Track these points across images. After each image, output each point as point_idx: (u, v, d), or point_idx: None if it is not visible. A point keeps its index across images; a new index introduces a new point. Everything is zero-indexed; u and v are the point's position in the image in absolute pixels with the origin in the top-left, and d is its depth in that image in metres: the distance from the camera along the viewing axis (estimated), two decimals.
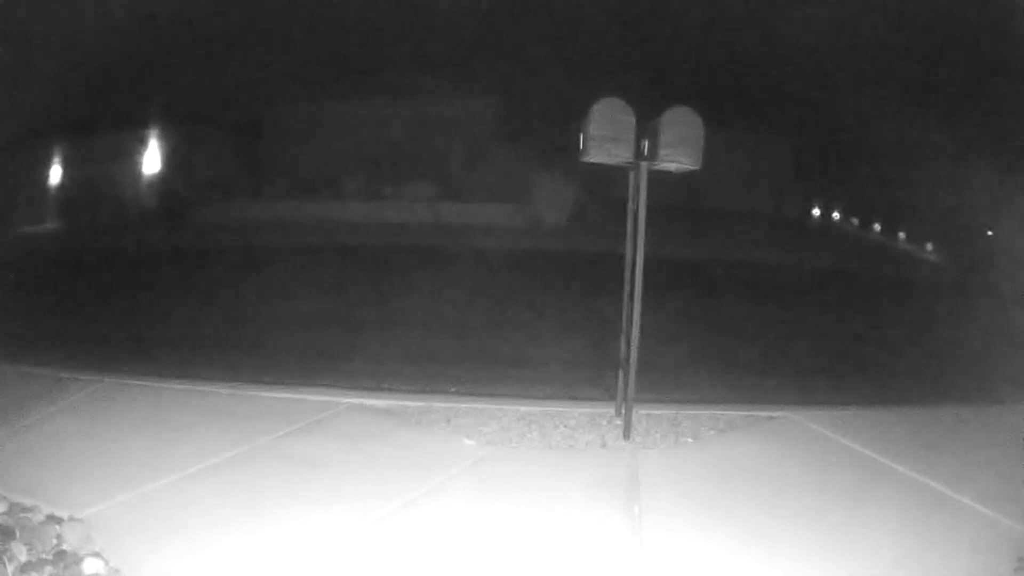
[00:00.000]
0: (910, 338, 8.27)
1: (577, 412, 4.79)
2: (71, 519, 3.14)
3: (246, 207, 18.16)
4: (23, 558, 2.86)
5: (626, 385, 4.45)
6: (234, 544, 3.02)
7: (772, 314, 9.43)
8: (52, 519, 3.13)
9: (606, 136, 4.17)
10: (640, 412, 4.57)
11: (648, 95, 4.89)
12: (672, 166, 4.26)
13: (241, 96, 17.74)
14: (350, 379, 5.43)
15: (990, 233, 14.30)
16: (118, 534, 3.06)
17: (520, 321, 8.26)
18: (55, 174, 14.54)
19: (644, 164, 4.25)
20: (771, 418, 4.80)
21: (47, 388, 4.88)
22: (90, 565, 2.82)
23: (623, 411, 4.48)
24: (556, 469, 3.88)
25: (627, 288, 4.55)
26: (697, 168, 4.25)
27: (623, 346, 4.60)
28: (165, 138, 16.03)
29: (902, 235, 18.87)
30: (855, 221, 20.55)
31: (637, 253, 4.32)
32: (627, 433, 4.38)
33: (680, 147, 4.13)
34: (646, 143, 4.20)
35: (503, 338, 7.49)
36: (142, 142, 15.75)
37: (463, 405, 4.86)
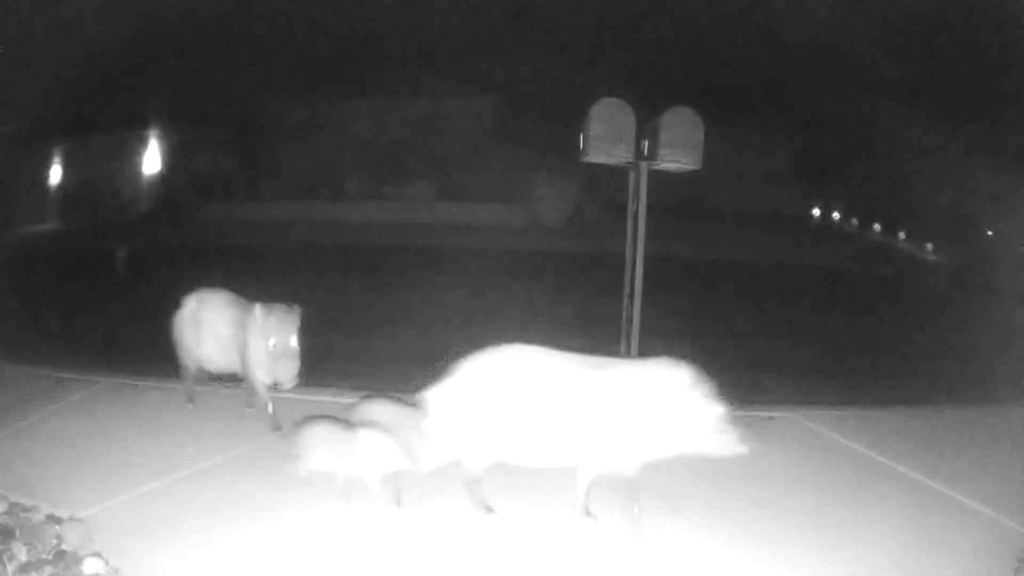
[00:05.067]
0: (910, 338, 8.27)
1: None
2: (71, 519, 3.14)
3: (246, 207, 18.17)
4: (23, 558, 2.86)
5: None
6: (234, 543, 3.02)
7: (772, 314, 9.44)
8: (52, 519, 3.12)
9: (606, 136, 4.17)
10: None
11: (648, 95, 4.89)
12: (672, 166, 4.27)
13: (241, 96, 17.74)
14: (350, 379, 5.42)
15: (990, 233, 14.31)
16: (118, 534, 3.06)
17: (520, 321, 8.25)
18: (55, 174, 14.52)
19: (644, 164, 4.26)
20: (771, 418, 4.80)
21: (47, 388, 4.88)
22: (90, 565, 2.82)
23: None
24: (556, 469, 3.87)
25: (627, 288, 4.55)
26: (697, 168, 4.25)
27: (623, 346, 4.60)
28: (163, 138, 16.02)
29: (902, 235, 18.88)
30: (855, 221, 20.55)
31: (637, 253, 4.32)
32: None
33: (680, 147, 4.14)
34: (646, 143, 4.20)
35: (503, 338, 7.48)
36: (142, 142, 15.73)
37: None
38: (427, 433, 3.20)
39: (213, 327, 4.41)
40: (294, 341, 4.06)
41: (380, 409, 3.52)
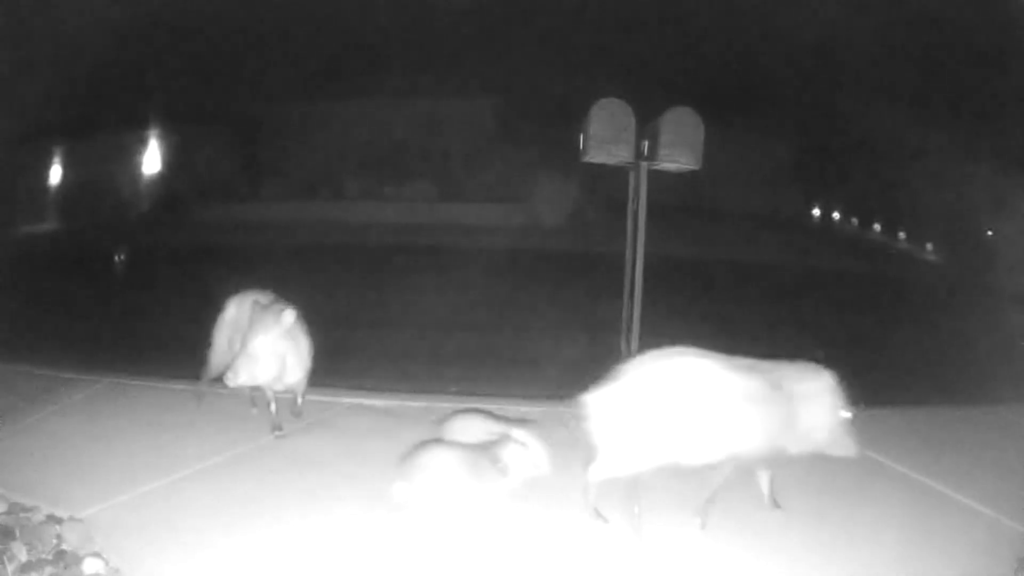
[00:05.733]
0: (910, 338, 8.27)
1: (577, 412, 4.77)
2: (71, 519, 3.14)
3: (245, 207, 18.18)
4: (23, 558, 2.86)
5: None
6: (234, 544, 3.02)
7: (772, 314, 9.43)
8: (52, 519, 3.12)
9: (606, 136, 4.17)
10: None
11: (648, 95, 4.89)
12: (672, 166, 4.27)
13: (243, 97, 17.75)
14: (350, 379, 5.42)
15: (990, 233, 14.30)
16: (118, 534, 3.06)
17: (520, 321, 8.26)
18: (55, 174, 14.53)
19: (644, 164, 4.26)
20: None
21: (47, 388, 4.88)
22: (90, 565, 2.82)
23: None
24: (556, 469, 3.87)
25: (627, 288, 4.55)
26: (697, 168, 4.25)
27: (623, 346, 4.60)
28: (162, 138, 16.04)
29: (902, 235, 18.88)
30: (855, 221, 20.57)
31: (637, 253, 4.32)
32: None
33: (680, 147, 4.13)
34: (646, 143, 4.20)
35: (503, 338, 7.48)
36: (141, 142, 15.74)
37: (463, 405, 4.86)
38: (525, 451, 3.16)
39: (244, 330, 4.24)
40: (274, 340, 3.95)
41: (480, 425, 3.36)
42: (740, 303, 10.20)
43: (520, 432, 3.20)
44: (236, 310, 4.43)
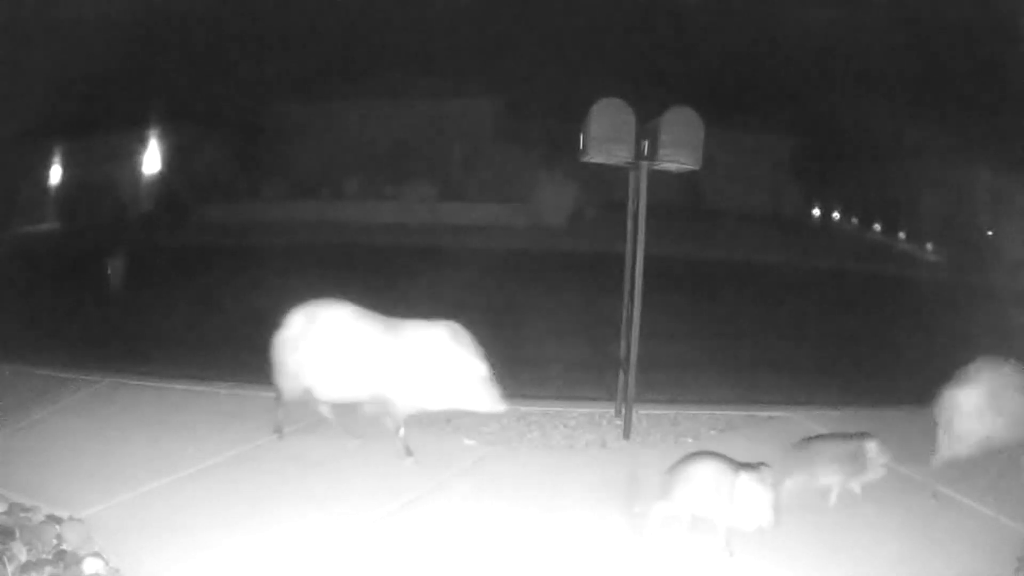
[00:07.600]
0: (910, 338, 8.27)
1: (577, 412, 4.79)
2: (71, 519, 3.14)
3: (245, 207, 18.19)
4: (23, 558, 2.86)
5: (626, 385, 4.45)
6: (234, 544, 3.02)
7: (772, 314, 9.44)
8: (52, 519, 3.12)
9: (606, 136, 4.16)
10: (640, 412, 4.57)
11: (648, 95, 4.89)
12: (672, 166, 4.26)
13: (246, 98, 17.76)
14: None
15: (990, 233, 14.30)
16: (118, 534, 3.06)
17: (520, 321, 8.25)
18: (56, 174, 14.53)
19: (644, 164, 4.25)
20: (771, 418, 4.79)
21: (47, 388, 4.88)
22: (90, 565, 2.82)
23: (623, 411, 4.47)
24: (556, 469, 3.88)
25: (627, 288, 4.55)
26: (697, 168, 4.24)
27: (623, 346, 4.60)
28: (163, 138, 16.05)
29: (902, 235, 18.89)
30: (855, 221, 20.58)
31: (637, 253, 4.31)
32: (627, 433, 4.38)
33: (680, 147, 4.12)
34: (646, 143, 4.19)
35: (504, 338, 7.47)
36: (142, 142, 15.75)
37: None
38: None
39: (337, 346, 3.88)
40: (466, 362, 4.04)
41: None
42: (740, 303, 10.21)
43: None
44: (306, 324, 3.96)
